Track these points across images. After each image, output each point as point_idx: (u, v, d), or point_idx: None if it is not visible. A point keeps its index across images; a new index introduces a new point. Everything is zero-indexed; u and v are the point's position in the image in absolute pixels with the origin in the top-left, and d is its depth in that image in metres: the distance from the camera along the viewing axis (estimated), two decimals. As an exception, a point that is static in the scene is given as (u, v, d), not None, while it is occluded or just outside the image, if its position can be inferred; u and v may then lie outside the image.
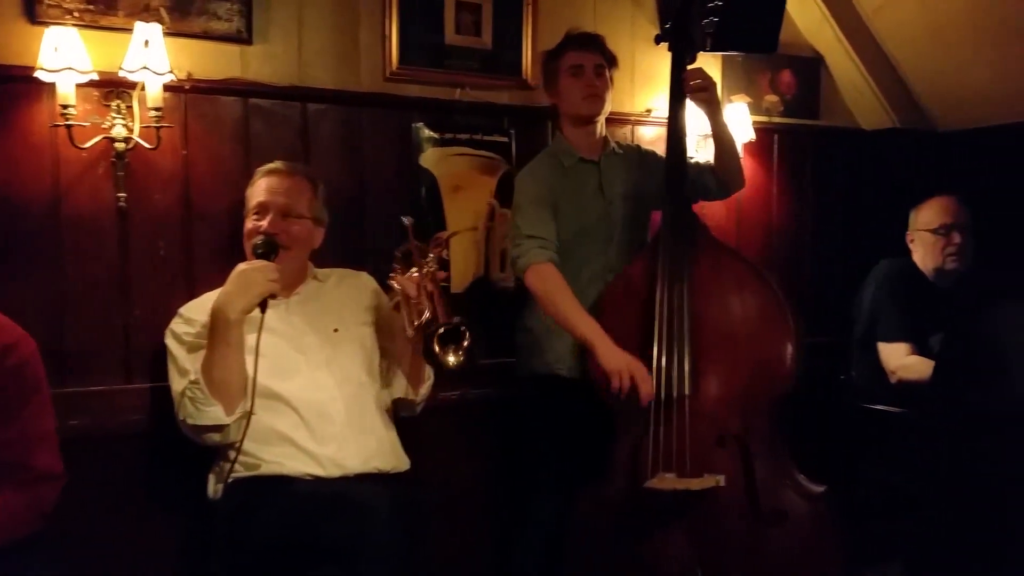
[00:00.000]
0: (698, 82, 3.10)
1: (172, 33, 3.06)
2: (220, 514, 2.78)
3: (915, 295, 3.79)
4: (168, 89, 3.01)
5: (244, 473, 2.77)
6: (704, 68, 3.15)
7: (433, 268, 2.82)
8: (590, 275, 3.19)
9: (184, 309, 2.92)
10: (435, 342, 2.65)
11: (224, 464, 2.80)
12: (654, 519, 2.95)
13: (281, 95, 3.31)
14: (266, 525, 2.66)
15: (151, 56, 2.87)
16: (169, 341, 2.88)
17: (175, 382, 2.81)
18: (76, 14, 2.95)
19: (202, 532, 2.89)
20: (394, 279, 2.87)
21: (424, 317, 2.71)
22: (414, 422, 3.13)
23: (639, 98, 3.97)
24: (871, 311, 3.82)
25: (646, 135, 3.96)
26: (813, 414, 3.68)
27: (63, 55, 2.79)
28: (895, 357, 3.69)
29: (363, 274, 3.19)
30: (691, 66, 3.15)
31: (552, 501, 3.24)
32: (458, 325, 2.65)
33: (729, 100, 4.11)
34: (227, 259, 2.91)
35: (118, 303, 3.10)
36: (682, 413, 2.92)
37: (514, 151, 3.68)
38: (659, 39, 3.23)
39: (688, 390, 2.93)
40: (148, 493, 3.14)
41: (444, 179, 3.55)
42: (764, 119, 4.25)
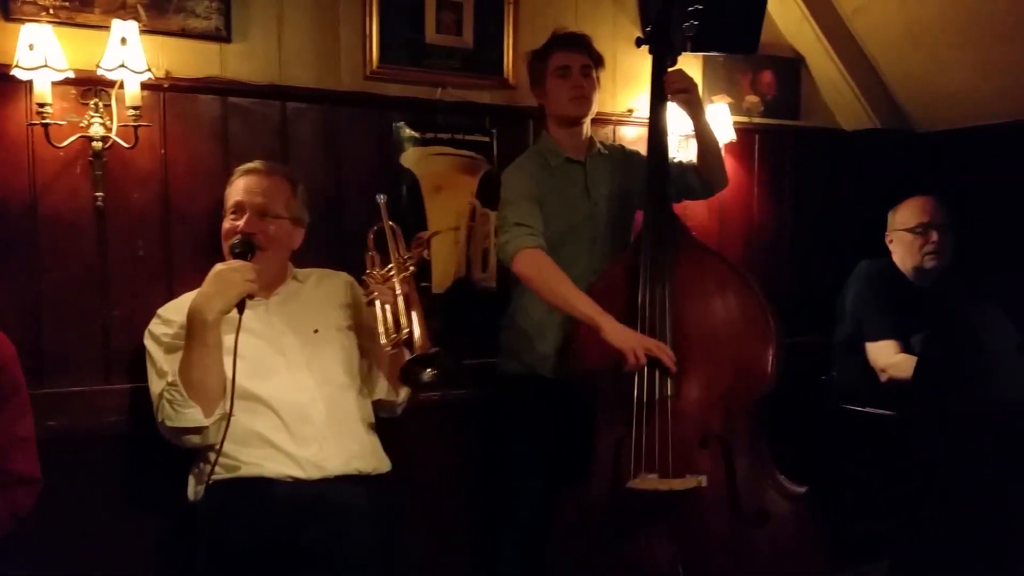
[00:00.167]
0: (680, 84, 3.11)
1: (150, 31, 3.03)
2: (200, 516, 2.75)
3: (896, 294, 3.81)
4: (146, 88, 2.98)
5: (224, 475, 2.75)
6: (685, 69, 3.16)
7: (406, 275, 2.81)
8: (575, 276, 3.16)
9: (162, 310, 2.90)
10: (410, 364, 2.67)
11: (204, 466, 2.78)
12: (636, 520, 2.94)
13: (260, 94, 3.29)
14: (246, 527, 2.65)
15: (128, 54, 2.84)
16: (147, 342, 2.86)
17: (153, 384, 2.80)
18: (52, 11, 2.92)
19: (182, 534, 2.86)
20: (369, 278, 2.86)
21: (403, 332, 2.70)
22: (395, 423, 3.12)
23: (620, 98, 3.97)
24: (855, 312, 3.83)
25: (628, 135, 3.96)
26: (795, 414, 3.69)
27: (39, 53, 2.76)
28: (884, 355, 3.69)
29: (343, 274, 3.17)
30: (672, 68, 3.15)
31: (534, 502, 3.24)
32: (435, 355, 2.66)
33: (710, 100, 4.11)
34: (206, 259, 2.88)
35: (96, 303, 3.07)
36: (664, 414, 2.91)
37: (495, 151, 3.67)
38: (640, 42, 3.25)
39: (670, 391, 2.93)
40: (127, 495, 3.11)
41: (425, 179, 3.54)
42: (745, 119, 4.25)
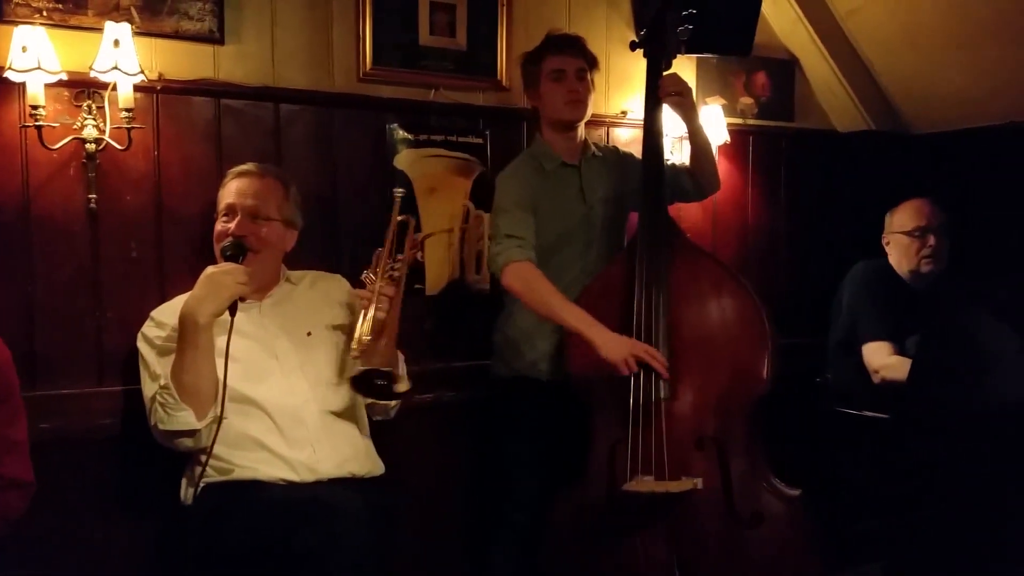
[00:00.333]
0: (674, 88, 3.11)
1: (143, 33, 3.03)
2: (193, 519, 2.75)
3: (892, 296, 3.81)
4: (139, 90, 2.97)
5: (217, 478, 2.75)
6: (678, 72, 3.17)
7: (390, 280, 2.80)
8: (570, 279, 3.18)
9: (156, 312, 2.89)
10: (364, 374, 2.65)
11: (197, 469, 2.77)
12: (632, 522, 2.94)
13: (253, 95, 3.28)
14: (239, 530, 2.63)
15: (122, 56, 2.83)
16: (141, 345, 2.85)
17: (146, 387, 2.79)
18: (45, 13, 2.91)
19: (176, 537, 2.86)
20: (367, 279, 2.85)
21: (366, 340, 2.67)
22: (389, 425, 3.11)
23: (614, 100, 3.96)
24: (851, 313, 3.83)
25: (621, 136, 3.96)
26: (791, 416, 3.69)
27: (32, 55, 2.75)
28: (878, 356, 3.70)
29: (337, 276, 3.16)
30: (667, 72, 3.16)
31: (528, 504, 3.24)
32: (387, 374, 2.63)
33: (704, 102, 4.11)
34: (200, 260, 2.89)
35: (90, 305, 3.06)
36: (659, 416, 2.92)
37: (489, 153, 3.67)
38: (635, 46, 3.25)
39: (665, 393, 2.93)
40: (120, 497, 3.10)
41: (419, 181, 3.53)
42: (739, 121, 4.25)
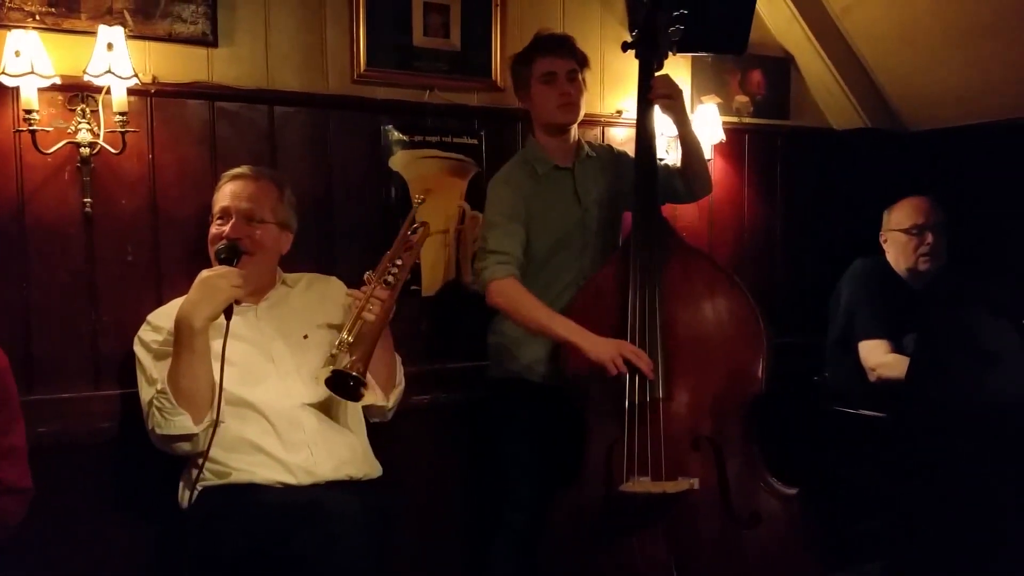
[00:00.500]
0: (664, 91, 3.10)
1: (136, 36, 3.03)
2: (190, 523, 2.75)
3: (890, 294, 3.81)
4: (133, 93, 2.98)
5: (214, 481, 2.75)
6: (674, 70, 3.17)
7: (382, 284, 2.80)
8: (566, 282, 3.19)
9: (152, 316, 2.90)
10: (334, 374, 2.65)
11: (193, 472, 2.77)
12: (629, 523, 2.94)
13: (248, 98, 3.28)
14: (237, 534, 2.64)
15: (115, 60, 2.83)
16: (137, 349, 2.86)
17: (143, 391, 2.79)
18: (38, 17, 2.91)
19: (173, 541, 2.87)
20: (368, 279, 2.85)
21: (347, 342, 2.69)
22: (386, 427, 3.10)
23: (609, 99, 3.96)
24: (848, 311, 3.83)
25: (617, 136, 3.95)
26: (788, 415, 3.69)
27: (25, 59, 2.75)
28: (874, 355, 3.70)
29: (333, 279, 3.16)
30: (659, 72, 3.15)
31: (526, 504, 3.23)
32: (356, 379, 2.63)
33: (699, 101, 4.12)
34: (195, 263, 2.88)
35: (86, 309, 3.06)
36: (656, 417, 2.91)
37: (484, 153, 3.67)
38: (626, 47, 3.23)
39: (661, 394, 2.93)
40: (118, 501, 3.10)
41: (414, 182, 3.53)
42: (734, 120, 4.25)
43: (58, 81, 2.85)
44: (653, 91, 3.11)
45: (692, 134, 3.24)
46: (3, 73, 2.77)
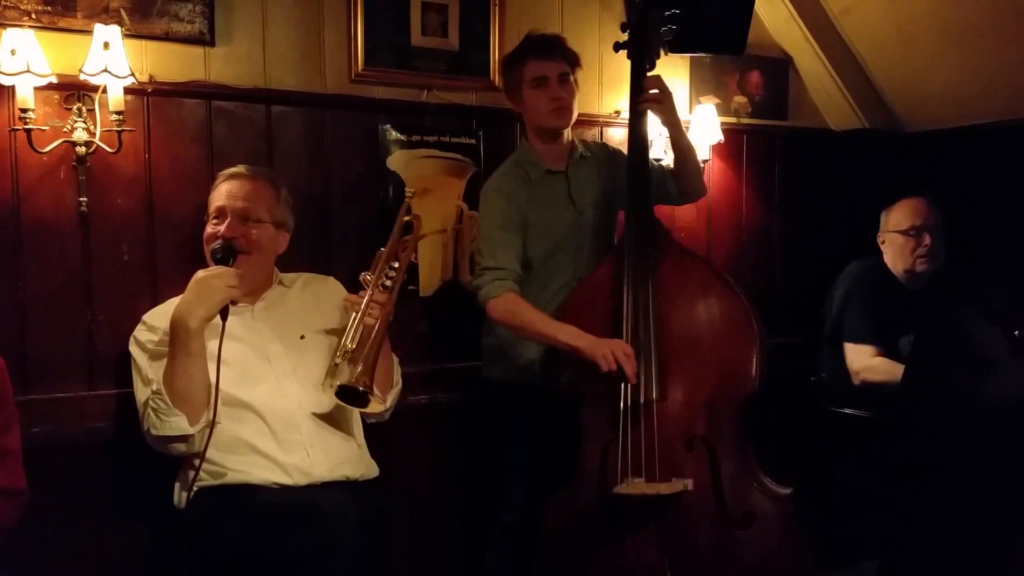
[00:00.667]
0: (653, 92, 3.09)
1: (132, 35, 3.02)
2: (186, 523, 2.73)
3: (885, 296, 3.81)
4: (129, 92, 2.97)
5: (210, 482, 2.74)
6: (671, 70, 3.16)
7: (380, 288, 2.80)
8: (562, 284, 3.19)
9: (148, 316, 2.89)
10: (341, 388, 2.68)
11: (190, 472, 2.75)
12: (623, 523, 2.93)
13: (245, 97, 3.27)
14: (233, 535, 2.63)
15: (111, 59, 2.82)
16: (133, 349, 2.85)
17: (139, 391, 2.78)
18: (34, 15, 2.90)
19: (169, 541, 2.86)
20: (364, 282, 2.85)
21: (349, 352, 2.71)
22: (383, 428, 3.09)
23: (607, 99, 3.96)
24: (839, 312, 3.83)
25: (615, 136, 3.94)
26: (784, 415, 3.69)
27: (21, 58, 2.75)
28: (860, 358, 3.70)
29: (330, 279, 3.16)
30: (651, 73, 3.14)
31: (520, 505, 3.24)
32: (363, 395, 2.66)
33: (698, 101, 4.11)
34: (191, 263, 2.87)
35: (81, 309, 3.05)
36: (650, 418, 2.90)
37: (482, 153, 3.67)
38: (618, 47, 3.22)
39: (655, 395, 2.92)
40: (113, 502, 3.10)
41: (412, 182, 3.51)
42: (732, 120, 4.25)
43: (54, 80, 2.85)
44: (642, 93, 3.10)
45: (684, 137, 3.22)
46: (-2, 71, 2.77)
